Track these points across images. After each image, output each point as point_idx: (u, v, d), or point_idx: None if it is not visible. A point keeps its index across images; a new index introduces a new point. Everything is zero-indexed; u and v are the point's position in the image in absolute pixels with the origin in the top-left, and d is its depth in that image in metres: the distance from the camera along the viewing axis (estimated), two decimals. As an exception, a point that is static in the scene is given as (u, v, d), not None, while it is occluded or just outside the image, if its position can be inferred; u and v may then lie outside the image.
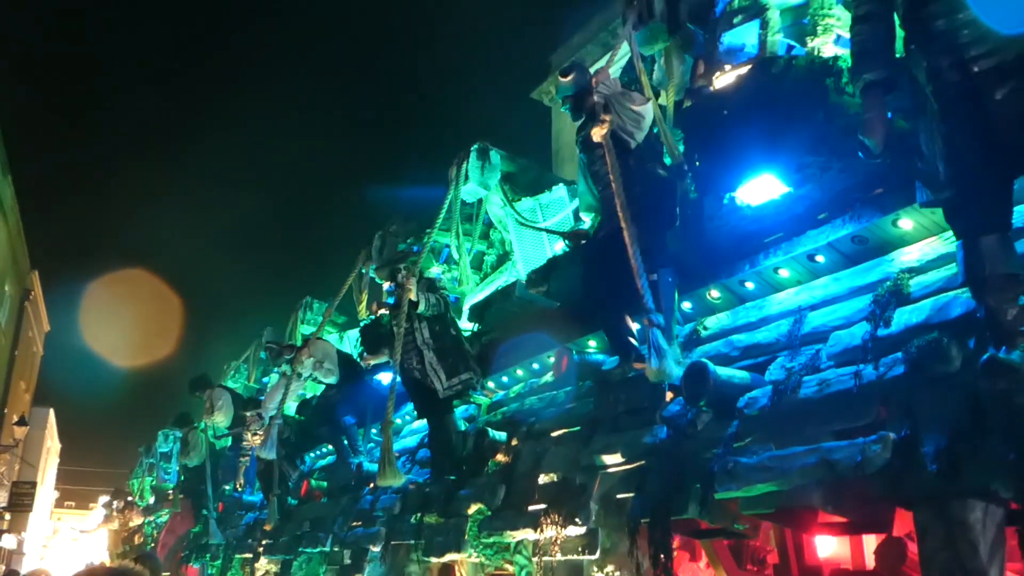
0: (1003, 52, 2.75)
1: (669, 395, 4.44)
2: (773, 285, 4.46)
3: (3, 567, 27.83)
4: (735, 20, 4.99)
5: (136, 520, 20.56)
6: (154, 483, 18.70)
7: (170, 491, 15.80)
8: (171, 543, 14.95)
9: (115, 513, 23.36)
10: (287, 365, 8.90)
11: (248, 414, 10.51)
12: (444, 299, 6.62)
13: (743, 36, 4.93)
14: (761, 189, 4.25)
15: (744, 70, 4.56)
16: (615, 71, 5.66)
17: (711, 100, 4.63)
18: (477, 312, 7.06)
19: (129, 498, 22.47)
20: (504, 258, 8.14)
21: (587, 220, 6.07)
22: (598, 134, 4.62)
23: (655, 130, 4.98)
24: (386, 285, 6.95)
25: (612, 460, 4.55)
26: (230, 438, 12.20)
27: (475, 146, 7.28)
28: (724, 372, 4.05)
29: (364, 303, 10.70)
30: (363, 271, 9.61)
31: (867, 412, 3.27)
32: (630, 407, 4.58)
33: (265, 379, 13.90)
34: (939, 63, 2.89)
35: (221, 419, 12.10)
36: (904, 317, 3.42)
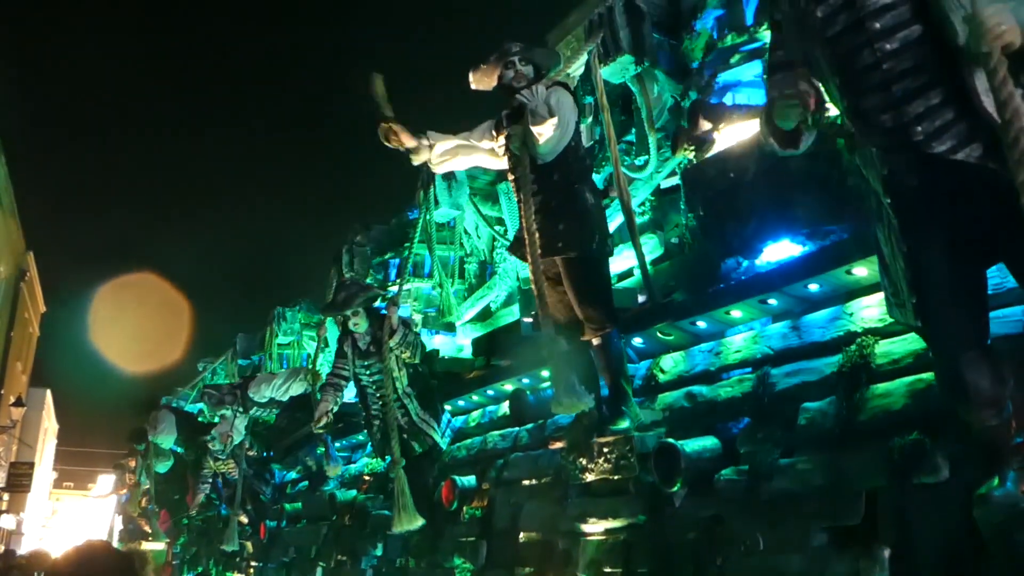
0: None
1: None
2: (726, 323, 4.23)
3: (2, 547, 27.92)
4: (732, 60, 4.50)
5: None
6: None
7: (143, 498, 15.54)
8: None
9: (128, 475, 23.08)
10: (228, 409, 8.53)
11: (207, 439, 10.21)
12: (420, 342, 6.17)
13: (740, 77, 4.48)
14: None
15: (750, 125, 4.14)
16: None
17: (717, 162, 4.24)
18: (481, 346, 6.62)
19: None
20: (485, 265, 7.72)
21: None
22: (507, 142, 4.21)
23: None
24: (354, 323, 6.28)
25: (592, 529, 4.39)
26: (171, 461, 11.97)
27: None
28: (693, 446, 3.85)
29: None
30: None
31: (854, 512, 3.09)
32: (600, 473, 4.36)
33: None
34: (897, 163, 2.42)
35: (163, 440, 11.85)
36: (877, 402, 3.19)
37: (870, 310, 3.47)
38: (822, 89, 2.59)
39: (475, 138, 4.44)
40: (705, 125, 4.40)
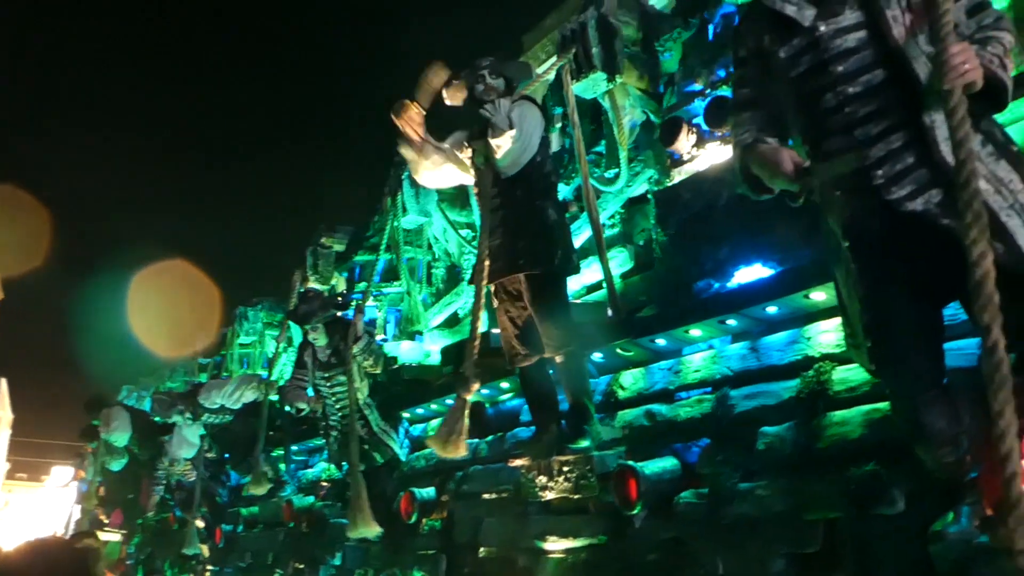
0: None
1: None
2: (685, 342, 4.23)
3: (-48, 540, 27.28)
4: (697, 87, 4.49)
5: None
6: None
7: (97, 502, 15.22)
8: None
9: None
10: (179, 416, 8.39)
11: (164, 439, 10.03)
12: (382, 351, 6.10)
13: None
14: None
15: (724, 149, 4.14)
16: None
17: (692, 184, 4.26)
18: (451, 355, 6.55)
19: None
20: (453, 270, 7.64)
21: None
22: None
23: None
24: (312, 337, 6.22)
25: (552, 547, 4.37)
26: (125, 459, 11.77)
27: (405, 174, 6.56)
28: (652, 467, 3.85)
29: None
30: (300, 291, 8.95)
31: (813, 540, 3.12)
32: (560, 491, 4.34)
33: None
34: (858, 207, 2.41)
35: (117, 438, 11.64)
36: (834, 430, 3.21)
37: (827, 335, 3.49)
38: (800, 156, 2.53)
39: (455, 151, 4.40)
40: (683, 143, 4.41)
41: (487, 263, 4.13)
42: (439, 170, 4.43)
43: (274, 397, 7.50)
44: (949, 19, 2.06)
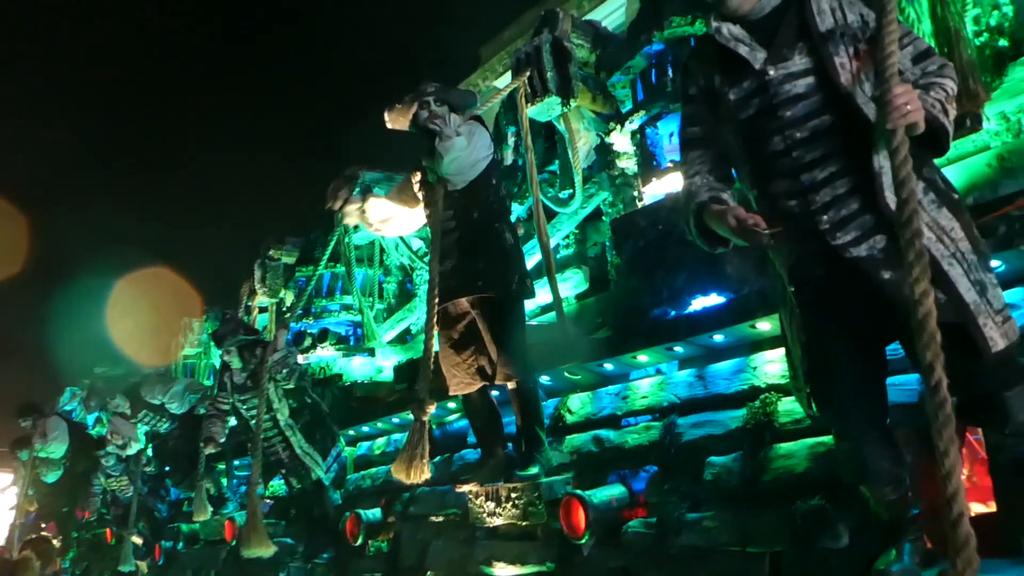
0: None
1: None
2: (632, 367, 4.24)
3: None
4: (672, 106, 4.49)
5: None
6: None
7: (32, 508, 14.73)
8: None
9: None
10: (120, 399, 8.22)
11: (100, 453, 9.74)
12: (299, 367, 5.98)
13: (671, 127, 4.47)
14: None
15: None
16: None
17: (648, 212, 4.24)
18: (403, 374, 6.44)
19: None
20: (404, 285, 7.53)
21: None
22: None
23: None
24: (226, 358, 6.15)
25: (500, 573, 4.33)
26: (60, 471, 11.42)
27: (356, 191, 6.44)
28: (600, 495, 3.83)
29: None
30: (248, 304, 8.75)
31: (758, 572, 3.11)
32: (507, 518, 4.30)
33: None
34: (803, 251, 2.38)
35: (54, 450, 11.27)
36: (780, 463, 3.23)
37: (774, 365, 3.52)
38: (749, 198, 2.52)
39: (407, 195, 4.37)
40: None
41: (437, 283, 4.07)
42: (393, 222, 4.54)
43: None
44: (894, 61, 2.07)
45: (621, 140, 4.95)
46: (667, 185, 4.47)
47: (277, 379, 5.69)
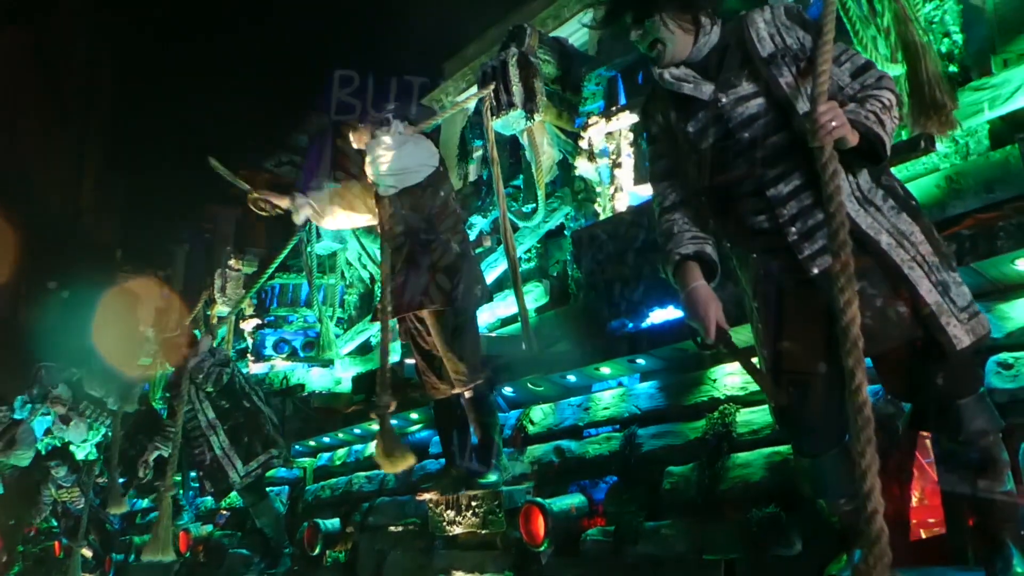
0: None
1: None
2: (595, 378, 4.29)
3: None
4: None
5: None
6: None
7: None
8: None
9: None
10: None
11: (51, 464, 9.53)
12: (224, 366, 5.88)
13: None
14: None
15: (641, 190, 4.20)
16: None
17: (608, 225, 4.30)
18: (362, 385, 6.38)
19: None
20: (366, 297, 7.50)
21: None
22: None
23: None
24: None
25: (458, 583, 4.33)
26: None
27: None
28: (560, 504, 3.87)
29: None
30: (208, 313, 8.65)
31: (713, 581, 3.18)
32: (467, 526, 4.31)
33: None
34: (772, 266, 2.43)
35: (23, 455, 10.99)
36: (737, 472, 3.29)
37: (732, 377, 3.59)
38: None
39: (355, 190, 4.37)
40: None
41: (390, 298, 4.11)
42: (339, 215, 4.48)
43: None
44: (824, 80, 2.17)
45: (585, 165, 5.03)
46: (626, 200, 4.54)
47: (196, 381, 5.73)
